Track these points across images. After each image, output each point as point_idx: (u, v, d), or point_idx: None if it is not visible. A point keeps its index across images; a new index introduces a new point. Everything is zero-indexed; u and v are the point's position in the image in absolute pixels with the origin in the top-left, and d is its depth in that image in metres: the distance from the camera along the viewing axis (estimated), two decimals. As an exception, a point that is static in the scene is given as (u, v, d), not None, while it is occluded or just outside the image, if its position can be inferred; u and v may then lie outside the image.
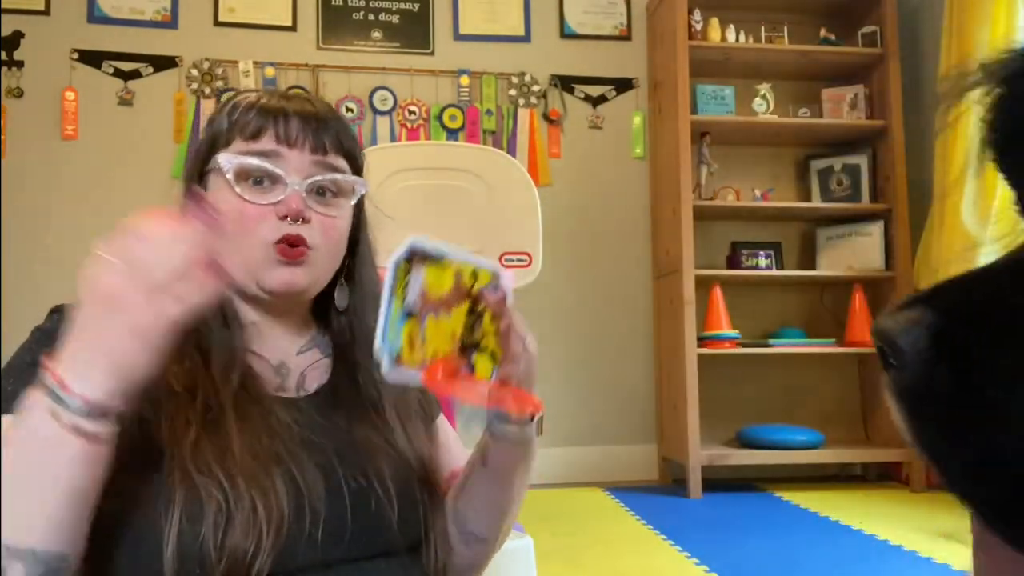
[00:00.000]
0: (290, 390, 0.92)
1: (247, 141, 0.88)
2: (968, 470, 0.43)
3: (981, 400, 0.40)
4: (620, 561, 2.38)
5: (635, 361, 3.82)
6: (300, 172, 0.88)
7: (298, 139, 0.88)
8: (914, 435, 0.44)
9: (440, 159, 2.33)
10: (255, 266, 0.87)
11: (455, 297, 0.82)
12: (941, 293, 0.44)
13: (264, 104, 0.90)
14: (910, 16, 3.69)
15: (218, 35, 3.69)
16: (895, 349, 0.43)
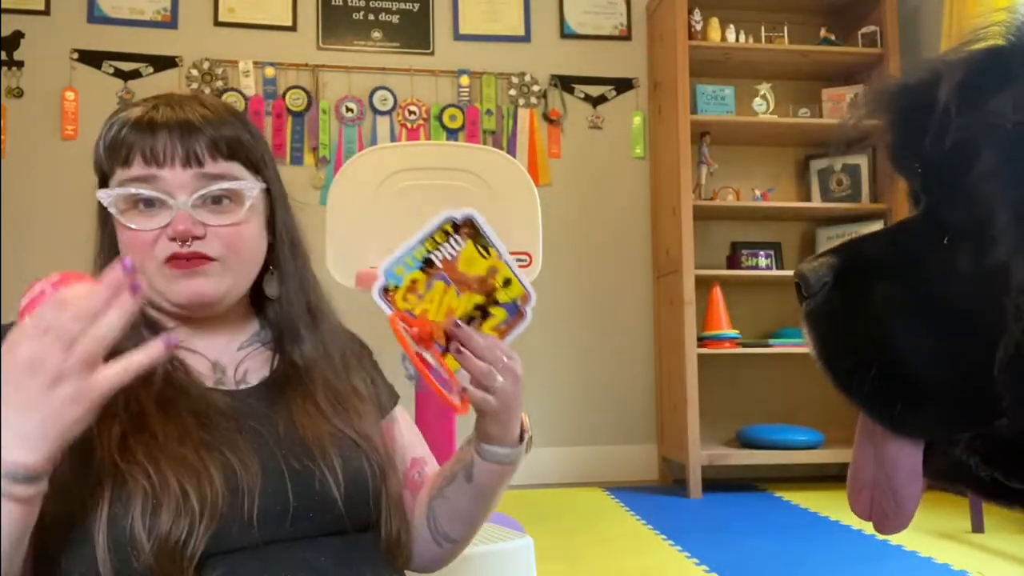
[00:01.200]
0: (229, 384, 0.92)
1: (122, 167, 0.87)
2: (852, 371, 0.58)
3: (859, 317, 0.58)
4: (620, 561, 2.38)
5: (635, 361, 3.82)
6: (183, 189, 0.86)
7: (167, 155, 0.86)
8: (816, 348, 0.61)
9: (440, 159, 2.33)
10: (161, 287, 0.88)
11: (477, 286, 0.83)
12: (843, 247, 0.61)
13: (133, 120, 0.87)
14: (910, 16, 3.68)
15: (218, 35, 3.69)
16: (807, 283, 0.61)
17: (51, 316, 0.66)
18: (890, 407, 0.57)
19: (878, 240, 0.63)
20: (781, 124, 3.65)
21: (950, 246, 0.56)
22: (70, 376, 0.66)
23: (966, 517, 2.61)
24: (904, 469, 0.60)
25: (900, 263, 0.59)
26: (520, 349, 0.89)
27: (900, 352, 0.57)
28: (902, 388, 0.57)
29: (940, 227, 0.57)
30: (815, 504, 3.09)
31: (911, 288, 0.57)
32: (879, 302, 0.58)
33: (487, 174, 2.23)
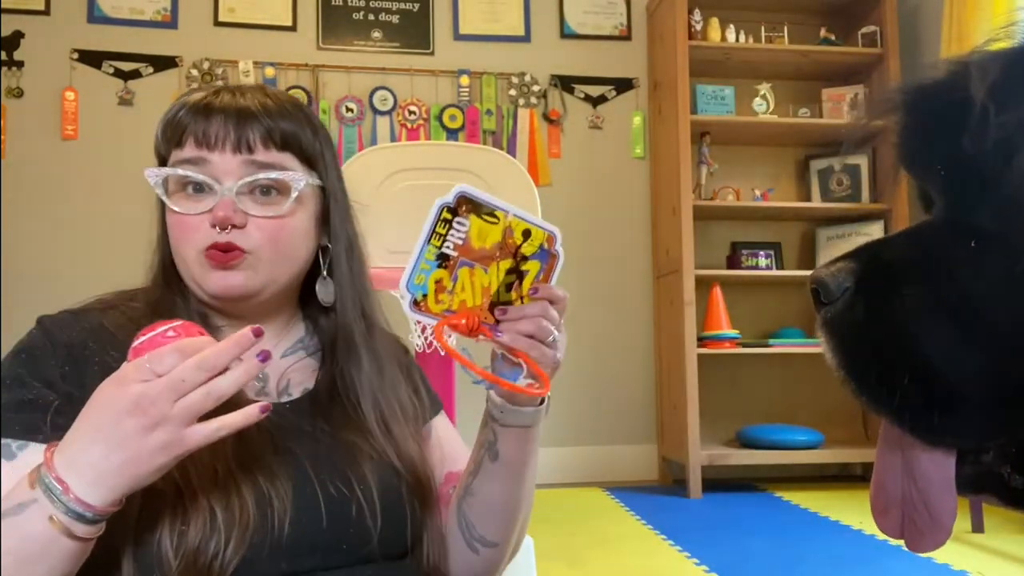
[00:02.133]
0: (271, 395, 0.89)
1: (175, 149, 0.86)
2: (879, 380, 0.55)
3: (886, 324, 0.55)
4: (620, 561, 2.38)
5: (635, 361, 3.82)
6: (231, 175, 0.85)
7: (219, 139, 0.84)
8: (837, 357, 0.57)
9: (440, 159, 2.33)
10: (195, 274, 0.86)
11: (500, 253, 0.80)
12: (861, 252, 0.59)
13: (191, 103, 0.87)
14: (910, 16, 3.68)
15: (218, 35, 3.69)
16: (826, 290, 0.58)
17: (170, 361, 0.66)
18: (923, 417, 0.54)
19: (898, 244, 0.60)
20: (781, 124, 3.65)
21: (979, 249, 0.54)
22: (169, 424, 0.65)
23: (966, 517, 2.61)
24: (938, 481, 0.57)
25: (926, 267, 0.56)
26: None
27: (931, 360, 0.54)
28: (935, 397, 0.54)
29: (966, 230, 0.55)
30: (815, 504, 3.09)
31: (939, 293, 0.55)
32: (906, 308, 0.55)
33: (487, 174, 2.23)
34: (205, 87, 0.91)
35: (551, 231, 0.82)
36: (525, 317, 0.83)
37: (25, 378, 0.78)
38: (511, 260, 0.81)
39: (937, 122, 0.57)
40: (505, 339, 0.83)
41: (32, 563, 0.66)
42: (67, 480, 0.65)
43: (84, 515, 0.66)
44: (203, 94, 0.88)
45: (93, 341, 0.82)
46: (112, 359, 0.80)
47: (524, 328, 0.83)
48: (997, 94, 0.53)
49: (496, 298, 0.83)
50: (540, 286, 0.84)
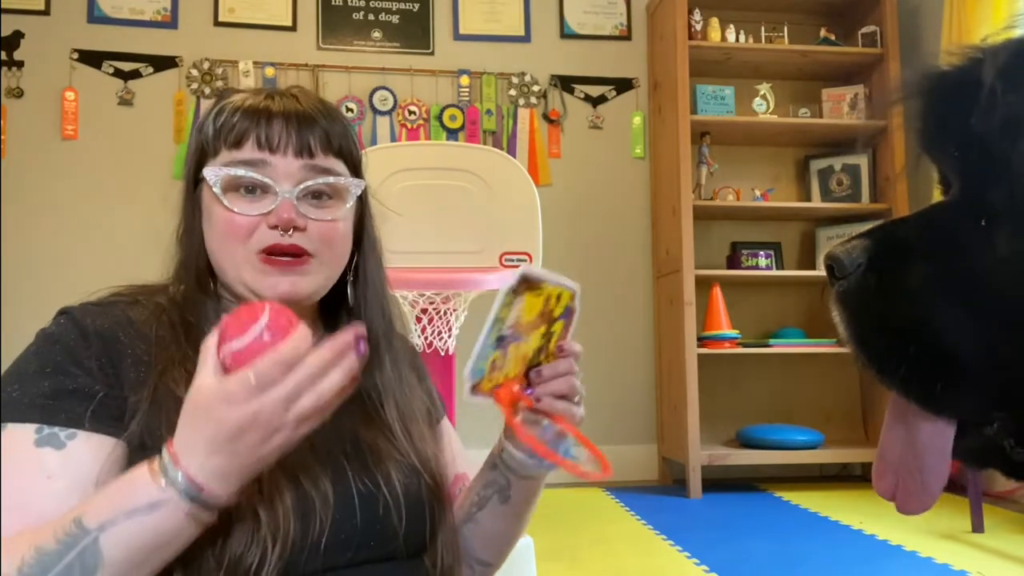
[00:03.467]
0: None
1: (231, 149, 0.86)
2: (887, 352, 0.57)
3: (895, 298, 0.57)
4: (620, 561, 2.38)
5: (635, 361, 3.82)
6: (290, 178, 0.86)
7: (281, 143, 0.86)
8: (849, 330, 0.60)
9: (440, 159, 2.33)
10: (249, 278, 0.86)
11: (539, 321, 0.81)
12: (875, 231, 0.62)
13: (248, 107, 0.87)
14: (910, 16, 3.68)
15: (218, 35, 3.69)
16: (840, 265, 0.60)
17: (275, 374, 0.67)
18: (927, 387, 0.57)
19: (911, 223, 0.63)
20: (781, 124, 3.65)
21: (988, 227, 0.56)
22: (285, 430, 0.69)
23: (966, 517, 2.61)
24: (934, 450, 0.60)
25: (936, 245, 0.58)
26: None
27: (938, 333, 0.56)
28: (940, 368, 0.56)
29: (977, 209, 0.57)
30: (815, 504, 3.09)
31: (948, 269, 0.57)
32: (916, 283, 0.58)
33: (487, 174, 2.23)
34: (243, 91, 0.91)
35: (574, 289, 0.82)
36: (558, 376, 0.84)
37: (67, 366, 0.78)
38: (545, 325, 0.82)
39: (952, 105, 0.59)
40: (543, 404, 0.84)
41: (160, 552, 0.70)
42: (197, 477, 0.69)
43: (216, 504, 0.70)
44: (256, 97, 0.89)
45: (123, 334, 0.83)
46: (142, 351, 0.82)
47: (557, 388, 0.84)
48: (1006, 76, 0.54)
49: (529, 363, 0.84)
50: (564, 344, 0.85)
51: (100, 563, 0.67)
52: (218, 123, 0.87)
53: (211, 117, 0.89)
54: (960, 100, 0.57)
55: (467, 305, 2.13)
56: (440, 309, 2.07)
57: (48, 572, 0.66)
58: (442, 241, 2.20)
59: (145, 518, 0.68)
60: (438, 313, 2.08)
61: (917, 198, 3.49)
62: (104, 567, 0.68)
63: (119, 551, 0.68)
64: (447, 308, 2.08)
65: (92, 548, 0.67)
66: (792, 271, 3.72)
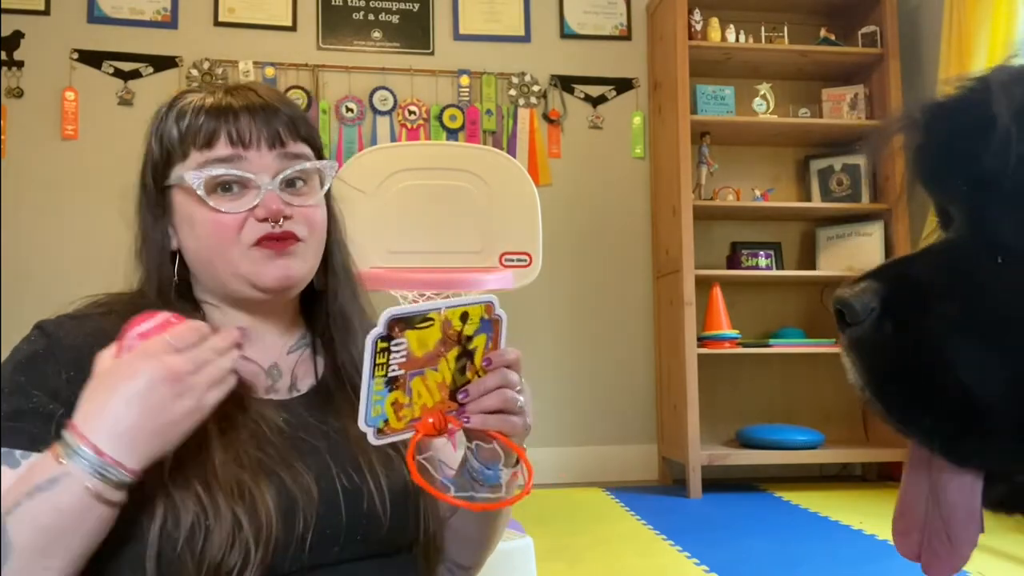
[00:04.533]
0: (281, 391, 0.91)
1: (202, 150, 0.86)
2: (910, 402, 0.54)
3: (916, 345, 0.54)
4: (620, 561, 2.38)
5: (635, 361, 3.82)
6: (267, 170, 0.87)
7: (252, 137, 0.87)
8: (864, 378, 0.56)
9: (440, 159, 2.33)
10: (246, 271, 0.87)
11: (444, 346, 0.78)
12: (884, 270, 0.58)
13: (210, 106, 0.87)
14: (910, 16, 3.68)
15: (218, 35, 3.69)
16: (851, 311, 0.56)
17: (191, 339, 0.73)
18: (955, 438, 0.54)
19: (922, 262, 0.59)
20: (781, 124, 3.64)
21: (1008, 265, 0.53)
22: (195, 392, 0.72)
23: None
24: (963, 509, 0.56)
25: (953, 285, 0.55)
26: (519, 349, 0.87)
27: (964, 379, 0.53)
28: (968, 417, 0.53)
29: (991, 247, 0.54)
30: (815, 504, 3.09)
31: (969, 311, 0.54)
32: (937, 328, 0.54)
33: (487, 174, 2.23)
34: (198, 89, 0.92)
35: (487, 301, 0.80)
36: (487, 392, 0.81)
37: (26, 387, 0.79)
38: (458, 347, 0.79)
39: (958, 140, 0.56)
40: (475, 423, 0.81)
41: (67, 535, 0.69)
42: (100, 446, 0.68)
43: (121, 479, 0.69)
44: (214, 95, 0.89)
45: (98, 346, 0.82)
46: None
47: (490, 404, 0.81)
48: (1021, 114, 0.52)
49: (454, 386, 0.80)
50: (491, 355, 0.82)
51: (9, 549, 0.67)
52: (182, 126, 0.87)
53: (171, 121, 0.88)
54: (967, 135, 0.55)
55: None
56: (440, 309, 2.07)
57: None
58: (442, 241, 2.20)
59: (46, 495, 0.68)
60: (438, 313, 2.07)
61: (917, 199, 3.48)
62: (14, 552, 0.67)
63: (24, 533, 0.67)
64: (447, 308, 2.08)
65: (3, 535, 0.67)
66: (792, 271, 3.72)
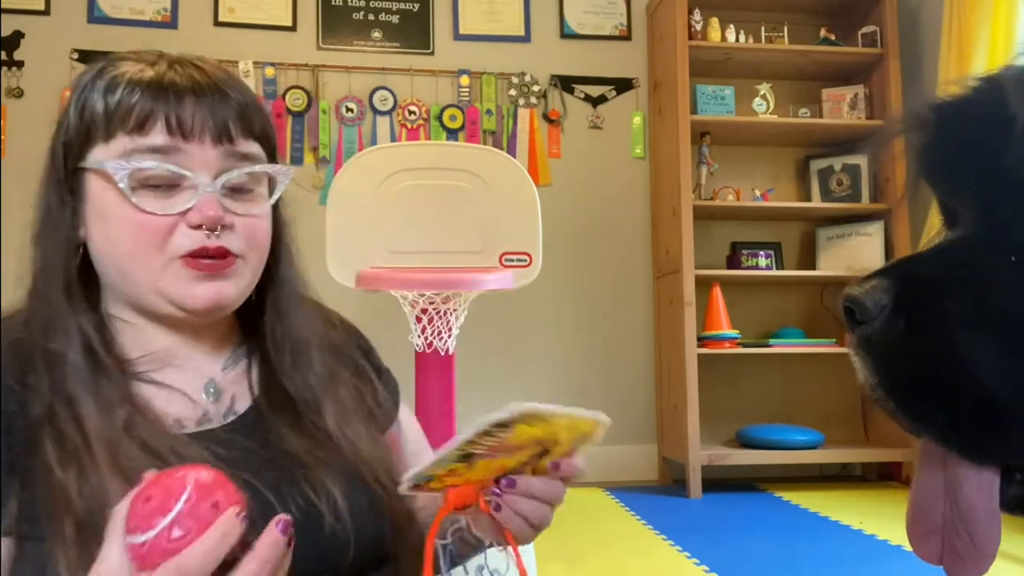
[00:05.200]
0: (215, 418, 0.78)
1: (132, 135, 0.72)
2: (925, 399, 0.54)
3: (930, 341, 0.54)
4: (620, 561, 2.38)
5: (635, 361, 3.82)
6: (208, 168, 0.73)
7: (195, 127, 0.72)
8: (876, 378, 0.55)
9: (440, 159, 2.33)
10: (170, 288, 0.73)
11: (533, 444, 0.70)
12: (895, 268, 0.57)
13: (148, 80, 0.72)
14: (910, 16, 3.68)
15: (218, 35, 3.68)
16: (863, 309, 0.55)
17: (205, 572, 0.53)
18: (973, 435, 0.53)
19: (932, 260, 0.58)
20: (781, 124, 3.64)
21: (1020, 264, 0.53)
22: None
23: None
24: (983, 508, 0.56)
25: (966, 282, 0.55)
26: (520, 349, 0.86)
27: (981, 375, 0.52)
28: (985, 414, 0.53)
29: (1004, 245, 0.53)
30: (815, 504, 3.09)
31: (983, 307, 0.54)
32: (950, 324, 0.54)
33: (487, 174, 2.23)
34: (136, 56, 0.76)
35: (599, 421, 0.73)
36: (534, 498, 0.72)
37: None
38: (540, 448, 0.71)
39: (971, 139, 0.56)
40: (501, 515, 0.72)
41: None
42: None
43: None
44: (154, 66, 0.74)
45: None
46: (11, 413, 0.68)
47: (525, 510, 0.72)
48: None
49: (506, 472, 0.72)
50: (564, 463, 0.74)
51: None
52: (111, 101, 0.72)
53: (98, 92, 0.73)
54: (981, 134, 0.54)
55: (467, 305, 2.13)
56: (440, 309, 2.08)
57: None
58: (442, 241, 2.20)
59: None
60: (438, 313, 2.08)
61: (917, 199, 3.49)
62: None
63: None
64: (447, 308, 2.08)
65: None
66: (792, 271, 3.72)
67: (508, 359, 3.61)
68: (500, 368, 3.57)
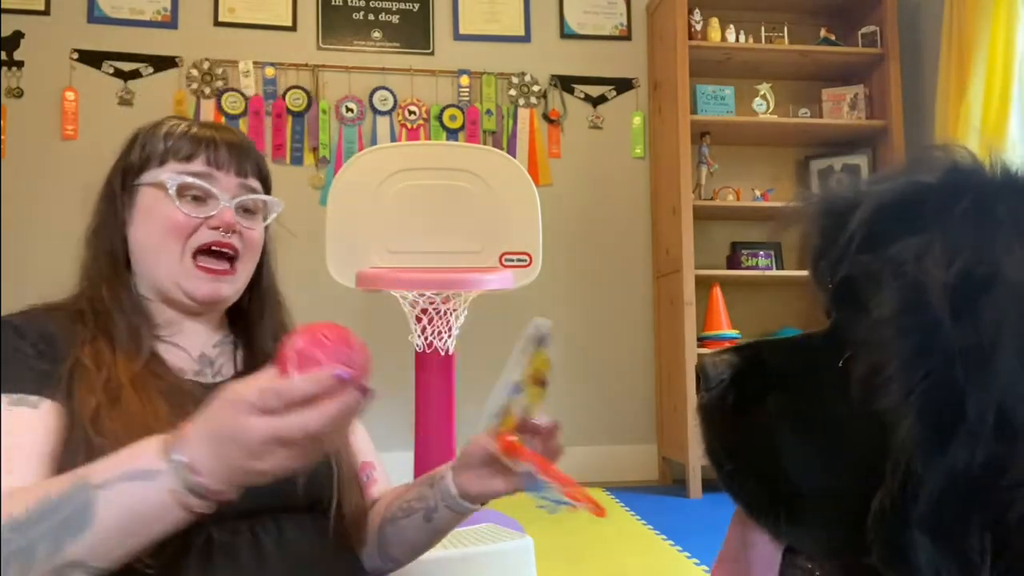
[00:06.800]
0: (207, 376, 1.04)
1: (181, 162, 1.02)
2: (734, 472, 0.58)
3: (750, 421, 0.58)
4: (620, 561, 2.38)
5: (635, 361, 3.82)
6: (229, 191, 1.04)
7: (225, 164, 1.04)
8: (704, 442, 0.61)
9: (440, 159, 2.33)
10: (181, 277, 1.01)
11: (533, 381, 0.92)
12: (747, 347, 0.62)
13: (194, 133, 1.04)
14: (910, 16, 3.69)
15: (218, 35, 3.69)
16: (706, 377, 0.60)
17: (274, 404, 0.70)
18: (768, 515, 0.57)
19: (780, 348, 0.63)
20: (781, 124, 3.65)
21: (846, 369, 0.54)
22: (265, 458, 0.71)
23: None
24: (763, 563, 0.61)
25: (795, 375, 0.59)
26: None
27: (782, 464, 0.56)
28: (780, 499, 0.56)
29: (840, 347, 0.56)
30: (815, 504, 3.09)
31: (801, 402, 0.57)
32: (769, 410, 0.58)
33: (487, 174, 2.23)
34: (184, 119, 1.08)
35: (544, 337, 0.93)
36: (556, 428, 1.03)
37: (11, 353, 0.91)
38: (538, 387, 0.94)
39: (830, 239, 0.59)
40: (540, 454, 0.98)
41: (148, 524, 0.74)
42: (194, 463, 0.72)
43: (202, 494, 0.73)
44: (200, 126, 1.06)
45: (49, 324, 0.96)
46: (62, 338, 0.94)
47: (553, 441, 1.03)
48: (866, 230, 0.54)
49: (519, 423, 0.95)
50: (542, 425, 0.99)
51: (91, 519, 0.72)
52: (169, 142, 1.03)
53: (160, 137, 1.04)
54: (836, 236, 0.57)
55: (467, 305, 2.13)
56: (440, 309, 2.07)
57: (46, 521, 0.72)
58: (442, 241, 2.20)
59: (139, 484, 0.73)
60: (438, 313, 2.08)
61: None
62: (95, 524, 0.72)
63: (110, 513, 0.73)
64: (447, 308, 2.08)
65: (88, 503, 0.73)
66: (792, 271, 3.72)
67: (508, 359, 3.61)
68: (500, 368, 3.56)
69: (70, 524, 0.72)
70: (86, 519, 0.73)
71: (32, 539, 0.72)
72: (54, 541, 0.72)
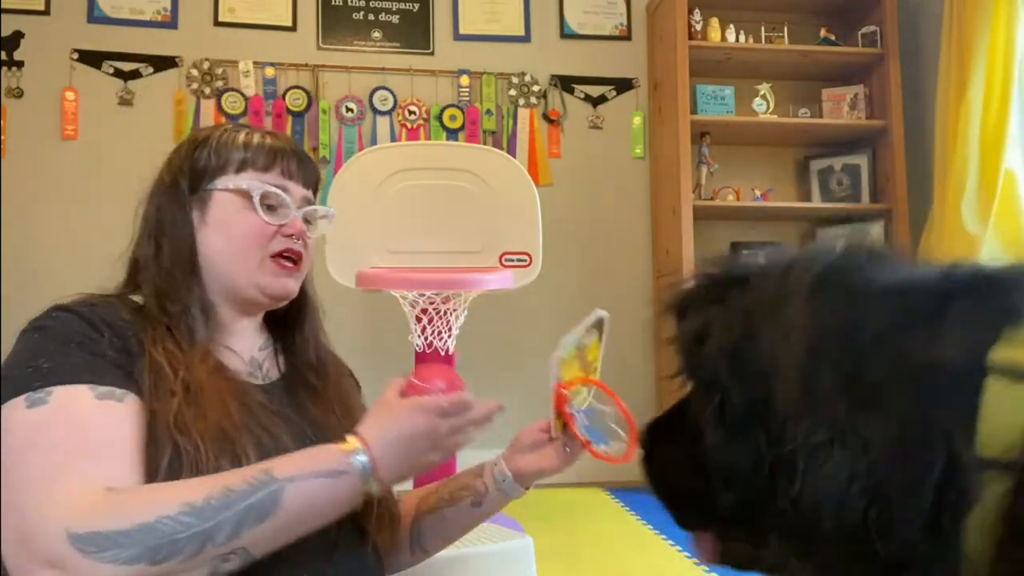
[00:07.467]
0: (258, 378, 1.08)
1: (259, 172, 1.07)
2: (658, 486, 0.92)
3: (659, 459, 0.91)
4: (620, 561, 2.38)
5: (635, 362, 3.82)
6: (297, 202, 1.09)
7: (296, 175, 1.09)
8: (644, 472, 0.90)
9: (440, 159, 2.33)
10: (258, 276, 1.05)
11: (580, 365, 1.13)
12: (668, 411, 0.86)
13: (272, 144, 1.09)
14: (910, 16, 3.69)
15: (218, 35, 3.69)
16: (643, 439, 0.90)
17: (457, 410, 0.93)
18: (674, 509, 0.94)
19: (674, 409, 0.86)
20: (781, 124, 3.65)
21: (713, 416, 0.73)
22: (443, 449, 0.93)
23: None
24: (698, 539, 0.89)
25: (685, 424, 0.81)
26: (520, 349, 0.95)
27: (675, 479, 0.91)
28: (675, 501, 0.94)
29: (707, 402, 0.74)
30: (815, 504, 3.08)
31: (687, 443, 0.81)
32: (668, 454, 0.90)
33: (487, 174, 2.23)
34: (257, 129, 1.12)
35: None
36: None
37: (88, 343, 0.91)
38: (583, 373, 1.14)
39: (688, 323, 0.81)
40: None
41: (325, 516, 0.87)
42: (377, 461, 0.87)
43: (375, 490, 0.88)
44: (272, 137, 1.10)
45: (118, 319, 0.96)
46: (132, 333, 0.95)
47: None
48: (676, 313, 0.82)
49: None
50: None
51: (277, 509, 0.81)
52: (248, 151, 1.07)
53: (238, 145, 1.07)
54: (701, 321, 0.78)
55: (467, 305, 2.13)
56: (440, 309, 2.07)
57: (230, 508, 0.79)
58: (442, 241, 2.20)
59: (327, 481, 0.85)
60: (438, 313, 2.08)
61: (918, 199, 3.49)
62: (278, 513, 0.81)
63: (297, 503, 0.82)
64: (447, 308, 2.08)
65: (276, 494, 0.81)
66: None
67: (508, 359, 3.61)
68: (500, 368, 3.57)
69: (256, 511, 0.80)
70: (272, 508, 0.81)
71: (217, 523, 0.78)
72: (236, 526, 0.79)
